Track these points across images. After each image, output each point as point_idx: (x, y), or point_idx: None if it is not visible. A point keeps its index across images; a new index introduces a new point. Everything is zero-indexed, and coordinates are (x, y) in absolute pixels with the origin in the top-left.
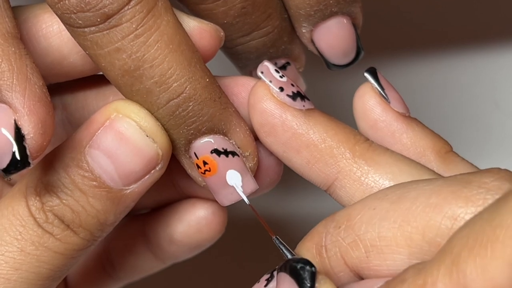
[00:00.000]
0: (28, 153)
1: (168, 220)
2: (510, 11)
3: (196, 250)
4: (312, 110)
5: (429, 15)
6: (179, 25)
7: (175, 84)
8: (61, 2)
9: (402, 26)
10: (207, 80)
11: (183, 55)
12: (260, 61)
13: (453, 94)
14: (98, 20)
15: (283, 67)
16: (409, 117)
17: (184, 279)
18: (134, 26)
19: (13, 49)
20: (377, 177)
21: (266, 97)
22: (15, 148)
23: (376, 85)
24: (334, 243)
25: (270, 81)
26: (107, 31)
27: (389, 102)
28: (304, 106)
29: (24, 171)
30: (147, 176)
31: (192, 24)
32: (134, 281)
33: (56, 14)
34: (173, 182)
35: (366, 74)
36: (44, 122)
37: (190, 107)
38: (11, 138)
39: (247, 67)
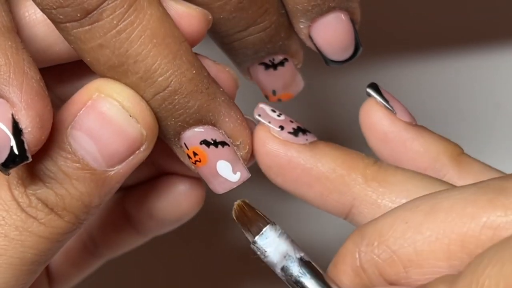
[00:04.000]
0: (26, 147)
1: (147, 196)
2: (510, 11)
3: (176, 224)
4: (316, 142)
5: (430, 15)
6: (164, 17)
7: (160, 79)
8: None
9: (402, 25)
10: (194, 72)
11: (168, 48)
12: (258, 57)
13: (453, 95)
14: (78, 15)
15: (280, 64)
16: (416, 125)
17: (185, 280)
18: (115, 22)
19: (9, 43)
20: (393, 197)
21: (268, 139)
22: (13, 143)
23: (380, 98)
24: (369, 262)
25: (269, 122)
26: (89, 27)
27: (395, 113)
28: (307, 140)
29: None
30: (131, 157)
31: (180, 10)
32: (116, 256)
33: (39, 8)
34: (151, 159)
35: (368, 90)
36: (41, 116)
37: (176, 100)
38: (9, 133)
39: (244, 63)
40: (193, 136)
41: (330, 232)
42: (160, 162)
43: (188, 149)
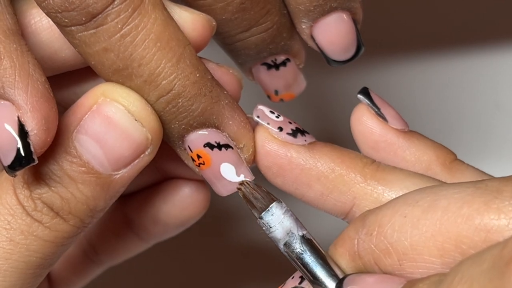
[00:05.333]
0: (32, 149)
1: (151, 201)
2: (510, 11)
3: (181, 228)
4: (315, 143)
5: (429, 15)
6: (168, 21)
7: (164, 82)
8: (46, 2)
9: (402, 25)
10: (197, 75)
11: (172, 51)
12: (260, 58)
13: (453, 95)
14: (83, 19)
15: (282, 64)
16: (409, 131)
17: (188, 279)
18: (119, 26)
19: (14, 45)
20: (393, 194)
21: (267, 139)
22: (19, 145)
23: (371, 105)
24: (366, 250)
25: (268, 123)
26: (94, 31)
27: (386, 121)
28: (306, 140)
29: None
30: (136, 161)
31: (184, 16)
32: (117, 263)
33: (44, 13)
34: (155, 165)
35: (359, 96)
36: (47, 118)
37: (180, 103)
38: (15, 135)
39: (247, 63)
40: (197, 139)
41: (330, 233)
42: (163, 166)
43: (192, 151)
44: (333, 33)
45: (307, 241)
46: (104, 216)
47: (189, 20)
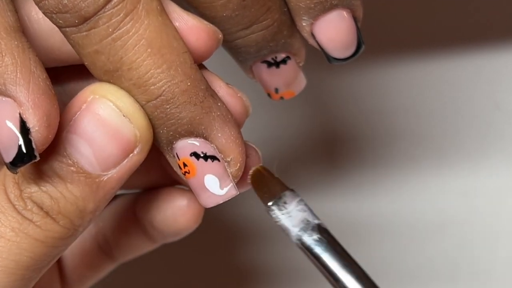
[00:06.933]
0: (34, 146)
1: (150, 206)
2: (510, 11)
3: (176, 237)
4: None
5: (430, 15)
6: (163, 28)
7: (153, 87)
8: (41, 3)
9: (402, 25)
10: (188, 84)
11: (163, 58)
12: (260, 55)
13: (452, 94)
14: (76, 21)
15: (283, 62)
16: None
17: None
18: (110, 29)
19: (15, 42)
20: None
21: None
22: (21, 141)
23: None
24: None
25: None
26: (86, 33)
27: None
28: None
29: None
30: (125, 161)
31: (190, 23)
32: (128, 260)
33: (41, 12)
34: (161, 165)
35: None
36: (48, 115)
37: (168, 110)
38: (17, 131)
39: (247, 61)
40: (184, 147)
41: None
42: (169, 169)
43: (179, 159)
44: (334, 30)
45: (322, 230)
46: (117, 211)
47: (194, 28)
